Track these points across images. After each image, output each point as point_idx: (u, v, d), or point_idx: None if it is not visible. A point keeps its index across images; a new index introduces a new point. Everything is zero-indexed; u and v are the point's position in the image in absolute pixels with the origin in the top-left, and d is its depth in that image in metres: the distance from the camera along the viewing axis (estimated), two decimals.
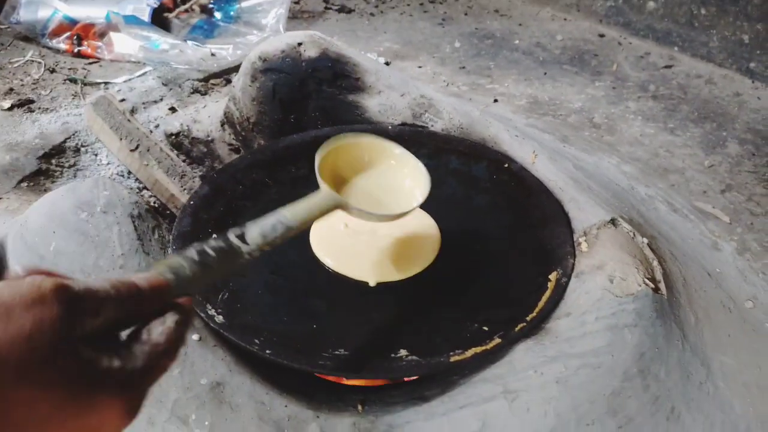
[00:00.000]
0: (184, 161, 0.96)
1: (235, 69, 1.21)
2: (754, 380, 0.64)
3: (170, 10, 1.35)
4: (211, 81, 1.21)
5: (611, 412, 0.52)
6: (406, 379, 0.58)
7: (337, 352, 0.55)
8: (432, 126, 0.90)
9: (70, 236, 0.60)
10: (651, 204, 0.88)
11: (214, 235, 0.37)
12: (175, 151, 0.98)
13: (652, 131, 1.09)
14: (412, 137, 0.86)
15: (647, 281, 0.61)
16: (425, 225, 0.71)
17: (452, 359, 0.54)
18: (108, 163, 0.98)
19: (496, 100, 1.16)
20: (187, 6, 1.36)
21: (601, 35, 1.40)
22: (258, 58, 0.90)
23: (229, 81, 1.21)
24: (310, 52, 0.89)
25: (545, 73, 1.26)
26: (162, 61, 1.19)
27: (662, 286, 0.63)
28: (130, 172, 0.94)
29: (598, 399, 0.52)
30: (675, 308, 0.63)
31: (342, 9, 1.58)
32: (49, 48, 1.25)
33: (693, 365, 0.60)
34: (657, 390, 0.56)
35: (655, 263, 0.66)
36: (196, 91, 1.17)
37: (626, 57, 1.31)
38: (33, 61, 1.21)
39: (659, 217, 0.85)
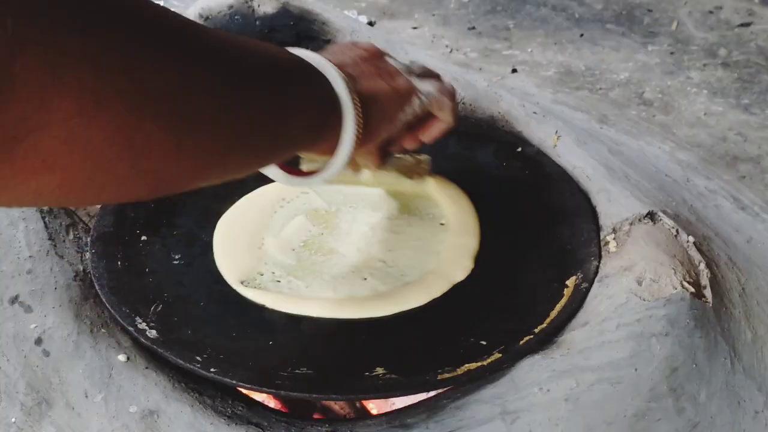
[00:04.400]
0: None
1: None
2: None
3: None
4: None
5: None
6: (379, 411, 0.68)
7: (298, 371, 0.64)
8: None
9: None
10: (711, 200, 0.99)
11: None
12: None
13: (720, 109, 1.21)
14: None
15: (686, 284, 0.71)
16: None
17: (440, 377, 0.64)
18: None
19: (515, 70, 1.28)
20: None
21: None
22: (198, 16, 1.01)
23: None
24: (266, 7, 1.01)
25: (582, 35, 1.38)
26: None
27: (708, 292, 0.73)
28: None
29: (617, 421, 0.62)
30: (724, 320, 0.73)
31: None
32: None
33: (746, 390, 0.70)
34: (695, 415, 0.66)
35: (702, 266, 0.77)
36: None
37: (690, 12, 1.44)
38: None
39: (720, 215, 0.96)
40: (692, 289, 0.71)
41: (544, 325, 0.69)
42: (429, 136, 0.71)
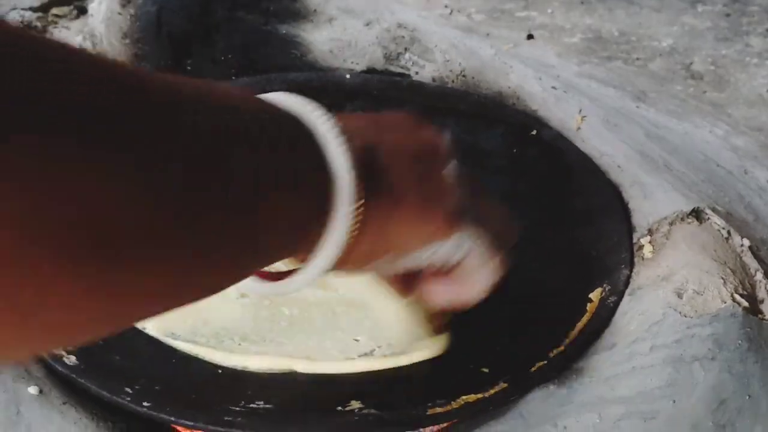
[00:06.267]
0: None
1: None
2: None
3: None
4: (54, 10, 1.34)
5: None
6: None
7: (254, 405, 0.66)
8: (416, 74, 1.02)
9: None
10: None
11: None
12: None
13: None
14: (385, 91, 0.99)
15: (738, 297, 0.72)
16: None
17: (431, 412, 0.65)
18: None
19: (531, 36, 1.29)
20: None
21: None
22: None
23: (83, 10, 1.33)
24: None
25: None
26: None
27: (765, 307, 0.75)
28: None
29: None
30: None
31: None
32: None
33: None
34: None
35: (759, 276, 0.78)
36: (28, 26, 1.30)
37: None
38: None
39: None
40: (746, 303, 0.72)
41: (562, 348, 0.70)
42: (433, 300, 0.62)
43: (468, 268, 0.58)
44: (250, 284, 0.52)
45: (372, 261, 0.52)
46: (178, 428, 0.69)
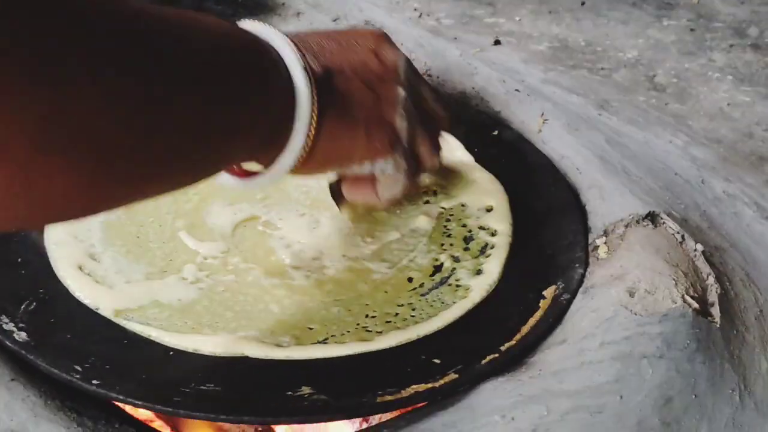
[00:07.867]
0: None
1: None
2: None
3: None
4: None
5: None
6: None
7: (204, 387, 0.65)
8: None
9: None
10: (729, 205, 1.02)
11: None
12: None
13: (747, 99, 1.24)
14: None
15: (689, 299, 0.73)
16: None
17: (380, 400, 0.65)
18: None
19: (498, 42, 1.30)
20: None
21: None
22: None
23: None
24: None
25: (583, 3, 1.41)
26: None
27: (715, 310, 0.76)
28: None
29: None
30: (735, 345, 0.76)
31: None
32: None
33: (758, 430, 0.73)
34: None
35: (711, 280, 0.79)
36: None
37: None
38: None
39: (739, 224, 0.99)
40: (696, 305, 0.73)
41: (513, 342, 0.71)
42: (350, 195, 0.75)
43: (383, 181, 0.70)
44: (229, 181, 0.63)
45: (323, 169, 0.67)
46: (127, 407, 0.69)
